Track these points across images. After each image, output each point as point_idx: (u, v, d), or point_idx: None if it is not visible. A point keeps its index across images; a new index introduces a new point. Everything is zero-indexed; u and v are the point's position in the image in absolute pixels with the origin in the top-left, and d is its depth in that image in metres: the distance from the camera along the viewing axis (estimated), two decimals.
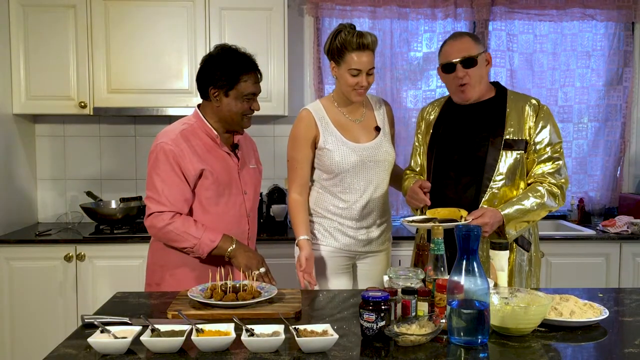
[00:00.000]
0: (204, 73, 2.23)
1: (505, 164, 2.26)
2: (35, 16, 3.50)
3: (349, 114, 2.50)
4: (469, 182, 2.29)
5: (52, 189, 3.95)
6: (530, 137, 2.28)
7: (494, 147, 2.27)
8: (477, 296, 1.55)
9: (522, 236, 2.32)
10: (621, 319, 1.82)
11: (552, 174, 2.27)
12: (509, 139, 2.27)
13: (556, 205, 2.28)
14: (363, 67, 2.34)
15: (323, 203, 2.49)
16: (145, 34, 3.53)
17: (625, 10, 3.95)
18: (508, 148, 2.26)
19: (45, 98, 3.55)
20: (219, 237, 2.19)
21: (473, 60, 2.26)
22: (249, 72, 2.22)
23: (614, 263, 3.52)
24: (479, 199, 2.26)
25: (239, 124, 2.28)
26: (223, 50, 2.24)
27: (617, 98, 4.04)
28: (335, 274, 2.50)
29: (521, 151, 2.27)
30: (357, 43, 2.31)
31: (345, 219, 2.47)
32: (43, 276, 3.37)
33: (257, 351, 1.50)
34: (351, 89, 2.39)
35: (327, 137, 2.43)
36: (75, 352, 1.53)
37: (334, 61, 2.40)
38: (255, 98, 2.27)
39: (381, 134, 2.51)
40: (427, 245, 1.87)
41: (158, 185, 2.19)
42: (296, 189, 2.48)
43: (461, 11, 3.92)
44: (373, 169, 2.46)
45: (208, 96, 2.24)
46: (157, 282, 2.29)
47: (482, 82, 2.32)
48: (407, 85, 3.97)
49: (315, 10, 3.86)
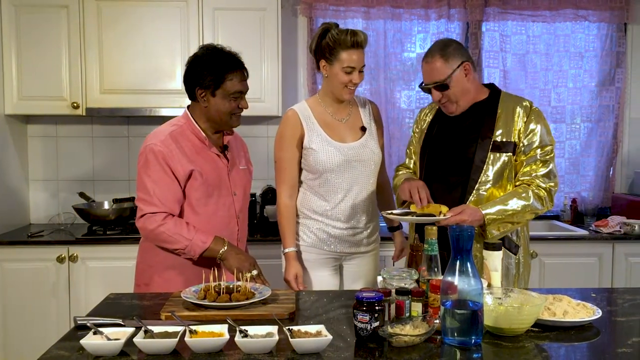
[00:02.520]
0: (190, 74, 2.23)
1: (492, 166, 2.26)
2: (28, 16, 3.48)
3: (335, 114, 2.51)
4: (456, 183, 2.30)
5: (44, 190, 3.93)
6: (519, 139, 2.27)
7: (482, 148, 2.27)
8: (470, 296, 1.55)
9: (509, 238, 2.31)
10: (614, 319, 1.83)
11: (540, 177, 2.25)
12: (497, 141, 2.27)
13: (542, 208, 2.25)
14: (357, 65, 2.37)
15: (309, 203, 2.49)
16: (138, 34, 3.52)
17: (618, 11, 3.97)
18: (496, 150, 2.26)
19: (37, 99, 3.53)
20: (211, 239, 2.18)
21: (444, 85, 2.25)
22: (234, 70, 2.21)
23: (607, 263, 3.54)
24: (465, 199, 2.27)
25: (227, 123, 2.27)
26: (208, 50, 2.24)
27: (610, 99, 4.06)
28: (321, 275, 2.49)
29: (509, 153, 2.27)
30: (351, 41, 2.34)
31: (331, 219, 2.47)
32: (35, 277, 3.35)
33: (251, 352, 1.50)
34: (343, 87, 2.40)
35: (312, 137, 2.44)
36: (67, 354, 1.52)
37: (325, 59, 2.41)
38: (243, 96, 2.26)
39: (367, 134, 2.51)
40: (421, 245, 1.87)
41: (149, 186, 2.18)
42: (286, 191, 2.49)
43: (454, 12, 3.93)
44: (358, 168, 2.46)
45: (196, 97, 2.24)
46: (146, 282, 2.28)
47: (465, 95, 2.30)
48: (401, 85, 3.97)
49: (308, 10, 3.86)
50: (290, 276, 2.44)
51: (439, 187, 2.32)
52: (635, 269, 3.54)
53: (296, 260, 2.46)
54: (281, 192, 2.50)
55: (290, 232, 2.48)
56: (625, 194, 4.07)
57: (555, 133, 4.08)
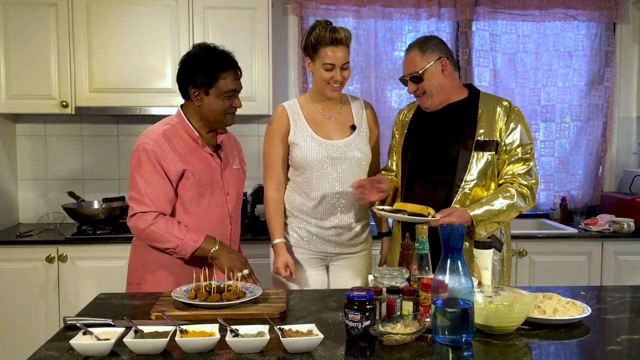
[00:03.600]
0: (184, 73, 2.23)
1: (476, 165, 2.29)
2: (16, 14, 3.45)
3: (324, 111, 2.51)
4: (441, 182, 2.32)
5: (33, 190, 3.90)
6: (501, 138, 2.30)
7: (465, 148, 2.29)
8: (461, 295, 1.55)
9: (494, 236, 2.33)
10: (603, 317, 1.84)
11: (522, 175, 2.29)
12: (480, 140, 2.30)
13: (525, 206, 2.30)
14: (337, 62, 2.37)
15: (293, 201, 2.49)
16: (127, 32, 3.50)
17: (607, 11, 3.99)
18: (479, 149, 2.29)
19: (26, 97, 3.50)
20: (202, 238, 2.18)
21: (419, 77, 2.31)
22: (227, 69, 2.21)
23: (596, 261, 3.56)
24: (451, 199, 2.28)
25: (221, 122, 2.27)
26: (201, 49, 2.24)
27: (599, 98, 4.09)
28: (307, 275, 2.48)
29: (492, 152, 2.30)
30: (330, 38, 2.35)
31: (314, 218, 2.46)
32: (24, 277, 3.33)
33: (242, 352, 1.50)
34: (325, 84, 2.41)
35: (297, 132, 2.45)
36: (57, 355, 1.51)
37: (309, 57, 2.43)
38: (237, 95, 2.26)
39: (356, 133, 2.51)
40: (412, 244, 1.87)
41: (141, 186, 2.17)
42: (273, 185, 2.49)
43: (445, 11, 3.94)
44: (342, 167, 2.44)
45: (189, 96, 2.24)
46: (138, 281, 2.28)
47: (441, 91, 2.33)
48: (392, 84, 3.98)
49: (299, 9, 3.85)
50: (279, 264, 2.40)
51: (423, 185, 2.35)
52: (624, 266, 3.56)
53: (285, 250, 2.43)
54: (268, 186, 2.50)
55: (278, 225, 2.47)
56: (614, 192, 4.10)
57: (544, 132, 4.11)
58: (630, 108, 4.16)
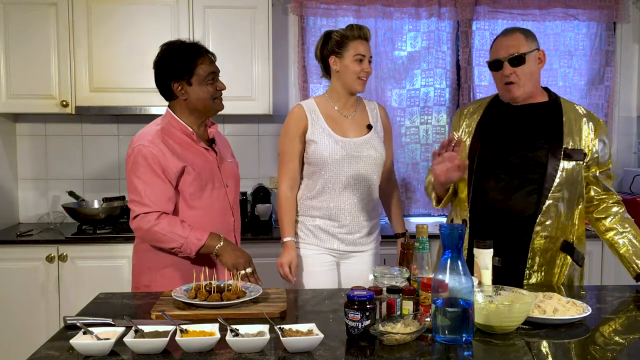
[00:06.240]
0: (161, 72, 2.25)
1: (564, 174, 2.18)
2: (16, 14, 3.45)
3: (342, 110, 2.54)
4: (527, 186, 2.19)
5: (33, 189, 3.91)
6: (589, 149, 2.23)
7: (554, 156, 2.18)
8: (461, 294, 1.55)
9: (577, 250, 2.25)
10: (603, 316, 1.84)
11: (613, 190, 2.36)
12: (567, 149, 2.20)
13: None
14: (366, 54, 2.50)
15: (307, 199, 2.50)
16: (127, 32, 3.50)
17: (607, 10, 3.99)
18: (567, 158, 2.19)
19: (26, 97, 3.50)
20: (206, 236, 2.17)
21: (521, 58, 2.19)
22: (201, 55, 2.24)
23: (596, 261, 3.56)
24: (539, 209, 2.17)
25: (212, 108, 2.28)
26: (169, 46, 2.27)
27: (599, 97, 4.08)
28: (318, 273, 2.49)
29: (580, 161, 2.21)
30: (358, 33, 2.49)
31: (327, 216, 2.48)
32: (24, 277, 3.33)
33: (242, 351, 1.50)
34: (356, 77, 2.48)
35: (314, 129, 2.47)
36: (57, 354, 1.51)
37: (335, 55, 2.49)
38: (217, 77, 2.28)
39: (372, 132, 2.53)
40: (412, 244, 1.87)
41: (139, 188, 2.17)
42: (287, 183, 2.51)
43: (445, 10, 3.93)
44: (358, 165, 2.47)
45: (173, 94, 2.25)
46: (146, 284, 2.26)
47: (532, 82, 2.24)
48: (392, 84, 3.98)
49: (299, 9, 3.85)
50: (284, 260, 2.45)
51: (499, 188, 2.21)
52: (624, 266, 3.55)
53: (294, 249, 2.47)
54: (282, 184, 2.52)
55: (289, 222, 2.50)
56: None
57: None
58: (630, 108, 4.16)
